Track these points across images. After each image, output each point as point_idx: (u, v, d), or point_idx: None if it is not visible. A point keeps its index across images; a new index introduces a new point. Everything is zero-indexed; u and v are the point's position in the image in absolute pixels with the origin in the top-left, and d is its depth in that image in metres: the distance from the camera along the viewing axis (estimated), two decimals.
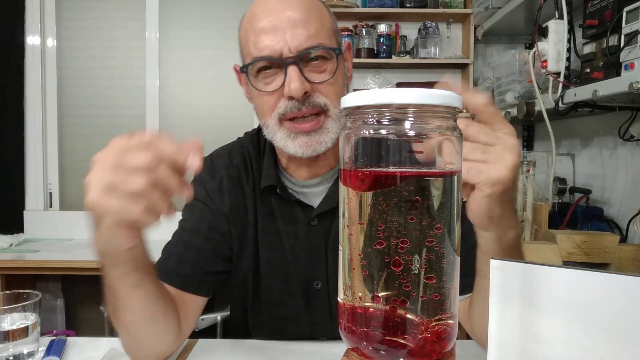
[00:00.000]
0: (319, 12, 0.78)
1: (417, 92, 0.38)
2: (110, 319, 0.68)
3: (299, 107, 0.75)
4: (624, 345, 0.38)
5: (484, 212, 0.52)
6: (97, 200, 0.49)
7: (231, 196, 0.86)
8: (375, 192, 0.40)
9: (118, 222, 0.50)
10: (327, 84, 0.76)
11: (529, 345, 0.43)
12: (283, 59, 0.74)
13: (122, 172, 0.48)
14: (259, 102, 0.80)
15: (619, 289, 0.38)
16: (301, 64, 0.74)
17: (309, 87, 0.74)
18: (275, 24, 0.74)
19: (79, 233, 2.58)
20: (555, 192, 1.76)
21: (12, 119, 2.57)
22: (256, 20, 0.76)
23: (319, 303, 0.86)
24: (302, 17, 0.74)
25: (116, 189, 0.48)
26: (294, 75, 0.73)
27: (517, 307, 0.43)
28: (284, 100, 0.75)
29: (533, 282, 0.42)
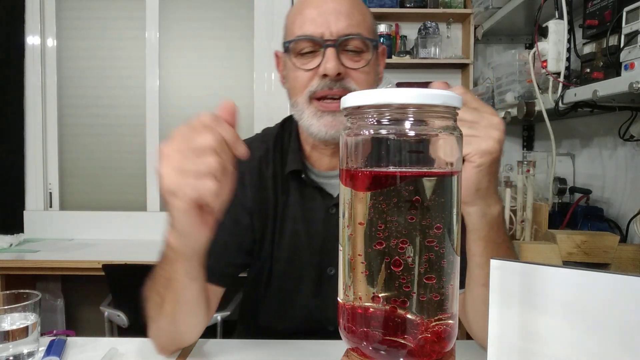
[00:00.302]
0: (362, 9, 0.84)
1: (417, 92, 0.38)
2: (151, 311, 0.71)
3: (331, 87, 0.79)
4: (624, 345, 0.38)
5: (472, 184, 0.56)
6: (171, 185, 0.53)
7: (252, 189, 0.89)
8: (375, 192, 0.40)
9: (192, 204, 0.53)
10: (360, 71, 0.81)
11: (529, 345, 0.43)
12: (324, 40, 0.79)
13: (191, 155, 0.52)
14: (294, 79, 0.84)
15: (619, 289, 0.38)
16: (339, 49, 0.79)
17: (343, 69, 0.79)
18: (321, 11, 0.80)
19: (79, 233, 2.58)
20: (555, 192, 1.76)
21: (12, 119, 2.57)
22: (304, 7, 0.82)
23: (331, 289, 0.87)
24: (346, 9, 0.80)
25: (188, 170, 0.52)
26: (331, 55, 0.78)
27: (517, 307, 0.43)
28: (317, 79, 0.80)
29: (533, 282, 0.42)
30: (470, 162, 0.55)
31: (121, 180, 2.69)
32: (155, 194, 2.68)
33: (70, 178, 2.70)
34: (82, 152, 2.69)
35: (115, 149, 2.68)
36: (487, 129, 0.56)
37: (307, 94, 0.81)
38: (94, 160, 2.69)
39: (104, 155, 2.68)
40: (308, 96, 0.81)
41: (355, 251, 0.41)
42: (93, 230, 2.58)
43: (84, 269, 2.07)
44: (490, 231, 0.63)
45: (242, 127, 0.95)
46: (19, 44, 2.56)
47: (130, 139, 2.68)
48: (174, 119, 2.69)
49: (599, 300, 0.39)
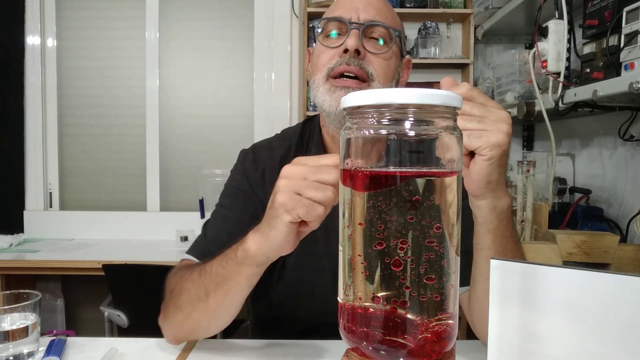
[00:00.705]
0: (391, 9, 0.91)
1: (417, 92, 0.38)
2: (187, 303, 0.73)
3: (349, 63, 0.83)
4: (623, 345, 0.38)
5: (483, 177, 0.58)
6: (288, 201, 0.58)
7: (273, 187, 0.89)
8: (375, 192, 0.40)
9: (294, 221, 0.59)
10: (379, 57, 0.85)
11: (529, 345, 0.43)
12: (350, 22, 0.83)
13: (312, 183, 0.57)
14: (317, 57, 0.88)
15: (619, 289, 0.38)
16: (363, 33, 0.84)
17: (363, 50, 0.83)
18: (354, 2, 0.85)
19: (79, 233, 2.58)
20: (555, 192, 1.75)
21: (12, 119, 2.57)
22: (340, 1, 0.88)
23: None
24: (378, 3, 0.87)
25: (305, 194, 0.57)
26: (354, 34, 0.83)
27: (517, 307, 0.43)
28: (338, 57, 0.84)
29: (533, 282, 0.42)
30: (482, 155, 0.56)
31: (121, 180, 2.69)
32: (155, 194, 2.68)
33: (70, 178, 2.70)
34: (82, 152, 2.69)
35: (115, 149, 2.68)
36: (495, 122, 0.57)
37: (325, 72, 0.84)
38: (94, 160, 2.69)
39: (104, 155, 2.68)
40: (326, 73, 0.84)
41: (355, 251, 0.41)
42: (93, 230, 2.58)
43: (84, 269, 2.07)
44: (499, 224, 0.64)
45: (242, 125, 0.95)
46: (19, 44, 2.56)
47: (130, 139, 2.68)
48: (174, 119, 2.69)
49: (599, 300, 0.39)
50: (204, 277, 0.71)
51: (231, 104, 2.66)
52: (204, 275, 0.71)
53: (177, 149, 2.69)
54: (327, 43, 0.87)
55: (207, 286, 0.70)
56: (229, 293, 0.70)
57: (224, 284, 0.69)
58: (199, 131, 2.68)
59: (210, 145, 2.66)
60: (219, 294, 0.70)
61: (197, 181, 2.43)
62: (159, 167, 2.67)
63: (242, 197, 0.89)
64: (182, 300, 0.74)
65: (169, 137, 2.69)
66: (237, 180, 0.92)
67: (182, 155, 2.68)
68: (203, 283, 0.71)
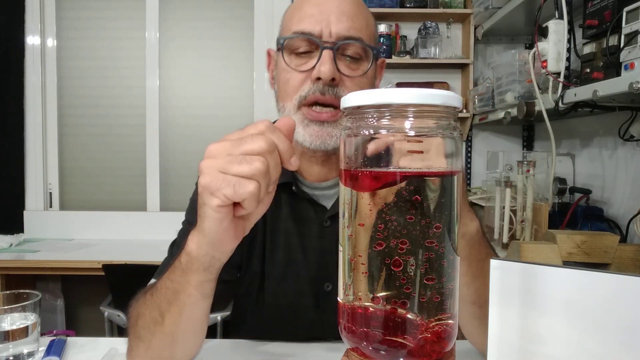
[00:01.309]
0: (367, 14, 0.79)
1: (417, 92, 0.38)
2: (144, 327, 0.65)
3: (323, 92, 0.74)
4: (624, 345, 0.38)
5: None
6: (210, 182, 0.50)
7: None
8: (375, 192, 0.40)
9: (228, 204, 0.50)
10: (356, 80, 0.76)
11: (529, 345, 0.43)
12: (322, 41, 0.73)
13: (237, 156, 0.49)
14: (284, 82, 0.78)
15: (619, 289, 0.38)
16: (337, 53, 0.74)
17: (338, 75, 0.74)
18: (322, 9, 0.74)
19: (79, 233, 2.58)
20: (555, 192, 1.76)
21: (12, 119, 2.57)
22: (305, 2, 0.77)
23: (329, 305, 0.83)
24: (350, 10, 0.75)
25: (229, 171, 0.49)
26: (327, 58, 0.73)
27: (517, 307, 0.43)
28: (310, 83, 0.75)
29: (533, 282, 0.42)
30: None
31: (121, 180, 2.69)
32: (156, 194, 2.68)
33: (70, 178, 2.70)
34: (82, 152, 2.69)
35: (115, 149, 2.68)
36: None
37: (296, 100, 0.76)
38: (94, 160, 2.69)
39: (104, 155, 2.68)
40: (297, 102, 0.76)
41: (355, 251, 0.41)
42: (93, 230, 2.58)
43: (84, 269, 2.07)
44: (471, 250, 0.62)
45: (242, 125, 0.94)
46: (19, 44, 2.56)
47: (130, 139, 2.68)
48: (174, 119, 2.69)
49: (599, 300, 0.39)
50: (156, 296, 0.63)
51: (231, 104, 2.66)
52: (156, 294, 0.63)
53: (177, 149, 2.69)
54: (295, 64, 0.76)
55: (160, 305, 0.62)
56: (183, 309, 0.61)
57: (175, 299, 0.61)
58: (199, 131, 2.68)
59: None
60: (174, 312, 0.61)
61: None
62: (159, 167, 2.67)
63: None
64: (140, 327, 0.65)
65: (169, 137, 2.69)
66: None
67: (182, 155, 2.68)
68: (156, 303, 0.63)
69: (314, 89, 0.74)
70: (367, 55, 0.77)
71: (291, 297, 0.85)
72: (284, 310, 0.85)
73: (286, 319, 0.85)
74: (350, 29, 0.74)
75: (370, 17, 0.81)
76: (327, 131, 0.75)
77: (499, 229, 1.72)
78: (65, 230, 2.58)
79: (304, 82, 0.75)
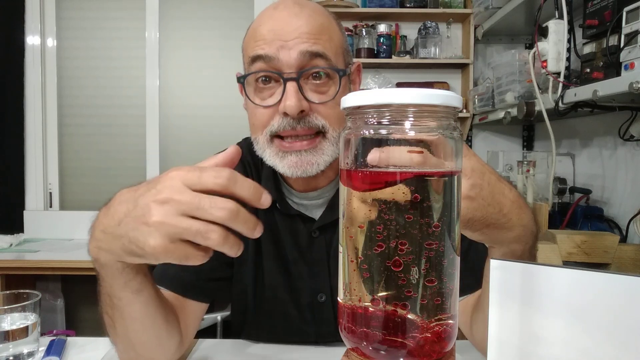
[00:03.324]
0: (330, 28, 0.74)
1: (417, 92, 0.38)
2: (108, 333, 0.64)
3: (293, 126, 0.70)
4: (624, 345, 0.38)
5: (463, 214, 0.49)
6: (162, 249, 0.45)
7: None
8: (375, 192, 0.40)
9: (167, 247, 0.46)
10: (327, 105, 0.72)
11: (529, 346, 0.43)
12: (283, 73, 0.70)
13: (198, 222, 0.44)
14: (252, 115, 0.75)
15: (619, 289, 0.38)
16: (302, 81, 0.70)
17: (306, 105, 0.70)
18: (280, 34, 0.70)
19: (79, 233, 2.58)
20: (555, 192, 1.76)
21: (12, 119, 2.57)
22: (261, 29, 0.72)
23: (324, 316, 0.83)
24: (309, 31, 0.70)
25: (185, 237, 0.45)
26: (292, 91, 0.69)
27: (517, 307, 0.43)
28: (279, 117, 0.71)
29: (533, 282, 0.42)
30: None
31: (121, 180, 2.69)
32: None
33: (70, 178, 2.70)
34: (82, 152, 2.69)
35: (115, 149, 2.68)
36: None
37: (267, 133, 0.72)
38: (94, 160, 2.69)
39: (104, 155, 2.68)
40: (269, 135, 0.72)
41: (355, 252, 0.41)
42: None
43: (84, 269, 2.07)
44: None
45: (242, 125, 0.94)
46: (19, 44, 2.56)
47: (130, 139, 2.68)
48: (174, 119, 2.69)
49: (599, 300, 0.39)
50: (102, 303, 0.61)
51: (231, 104, 2.66)
52: (101, 301, 0.61)
53: (177, 149, 2.69)
54: (260, 99, 0.73)
55: (107, 312, 0.60)
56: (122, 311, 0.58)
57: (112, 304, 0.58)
58: (199, 131, 2.68)
59: (210, 145, 2.65)
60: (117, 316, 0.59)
61: None
62: (159, 167, 2.67)
63: None
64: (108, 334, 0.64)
65: (169, 137, 2.69)
66: None
67: (182, 155, 2.68)
68: (104, 310, 0.61)
69: (284, 124, 0.70)
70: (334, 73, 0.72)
71: (286, 306, 0.84)
72: (278, 320, 0.84)
73: (281, 329, 0.84)
74: (312, 56, 0.69)
75: (334, 27, 0.75)
76: (307, 160, 0.72)
77: None
78: (65, 230, 2.57)
79: (273, 116, 0.72)
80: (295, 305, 0.84)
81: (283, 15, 0.71)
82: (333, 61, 0.72)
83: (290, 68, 0.70)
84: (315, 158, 0.72)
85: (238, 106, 0.92)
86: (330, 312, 0.83)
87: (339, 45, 0.75)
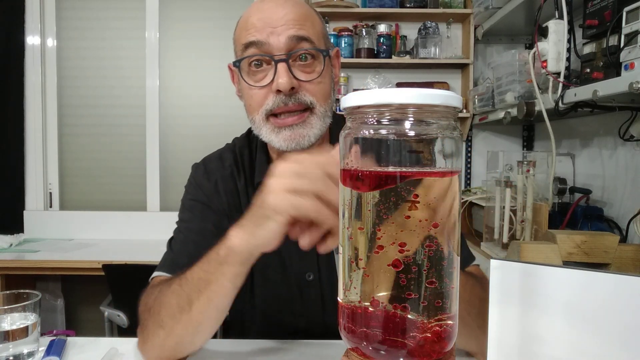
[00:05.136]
0: (311, 16, 0.83)
1: (417, 92, 0.38)
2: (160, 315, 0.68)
3: (286, 102, 0.79)
4: (624, 345, 0.38)
5: None
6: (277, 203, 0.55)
7: (227, 195, 0.90)
8: (375, 192, 0.40)
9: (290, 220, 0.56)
10: (314, 83, 0.81)
11: (529, 345, 0.43)
12: (274, 56, 0.78)
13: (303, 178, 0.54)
14: (248, 97, 0.84)
15: (619, 289, 0.38)
16: (290, 62, 0.79)
17: (296, 83, 0.79)
18: (269, 22, 0.79)
19: (79, 233, 2.58)
20: (555, 192, 1.76)
21: (12, 119, 2.57)
22: (251, 19, 0.81)
23: (312, 294, 0.87)
24: (294, 17, 0.79)
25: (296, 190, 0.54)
26: (283, 70, 0.77)
27: (517, 307, 0.43)
28: (272, 96, 0.79)
29: (533, 282, 0.42)
30: None
31: (121, 180, 2.69)
32: (155, 194, 2.68)
33: (70, 178, 2.70)
34: (82, 152, 2.69)
35: (115, 149, 2.68)
36: None
37: (263, 112, 0.81)
38: (94, 160, 2.69)
39: (104, 155, 2.68)
40: (264, 114, 0.81)
41: (355, 252, 0.41)
42: (93, 230, 2.58)
43: (84, 269, 2.07)
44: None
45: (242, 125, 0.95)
46: (19, 44, 2.56)
47: (130, 139, 2.68)
48: (174, 119, 2.69)
49: (599, 300, 0.39)
50: (185, 286, 0.67)
51: (231, 103, 2.66)
52: (185, 284, 0.67)
53: (177, 149, 2.69)
54: (254, 81, 0.82)
55: (189, 294, 0.66)
56: (212, 299, 0.65)
57: (206, 288, 0.64)
58: (199, 131, 2.68)
59: (211, 145, 2.64)
60: (202, 301, 0.65)
61: None
62: (159, 167, 2.67)
63: (201, 208, 0.88)
64: (163, 315, 0.69)
65: (169, 137, 2.69)
66: (192, 193, 0.91)
67: (182, 155, 2.68)
68: (185, 292, 0.66)
69: (277, 101, 0.79)
70: (318, 55, 0.82)
71: (278, 286, 0.88)
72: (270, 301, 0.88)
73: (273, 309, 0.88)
74: (299, 29, 0.79)
75: (315, 15, 0.85)
76: (299, 132, 0.81)
77: (499, 229, 1.72)
78: (65, 230, 2.58)
79: (267, 95, 0.80)
80: (286, 285, 0.88)
81: (270, 5, 0.81)
82: (317, 44, 0.81)
83: (280, 51, 0.78)
84: (305, 131, 0.81)
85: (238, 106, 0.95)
86: (318, 291, 0.88)
87: (320, 30, 0.84)
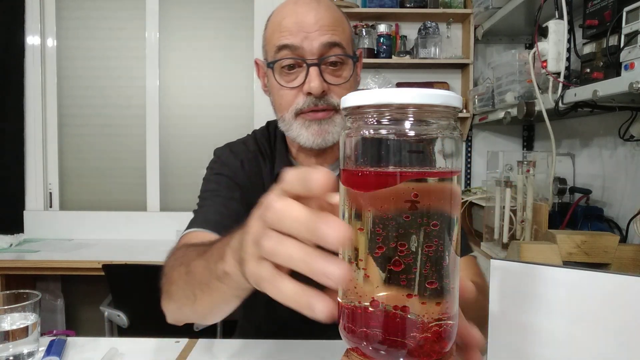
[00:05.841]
0: (342, 21, 0.87)
1: (417, 92, 0.38)
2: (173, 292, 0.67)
3: (316, 103, 0.84)
4: (624, 345, 0.38)
5: None
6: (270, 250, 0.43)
7: (251, 175, 0.94)
8: (374, 192, 0.40)
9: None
10: (341, 87, 0.86)
11: (529, 345, 0.43)
12: (307, 59, 0.83)
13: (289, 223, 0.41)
14: (278, 96, 0.88)
15: (619, 289, 0.38)
16: (322, 67, 0.83)
17: (326, 87, 0.84)
18: (303, 27, 0.83)
19: (79, 233, 2.58)
20: (555, 192, 1.76)
21: (12, 119, 2.57)
22: (285, 22, 0.84)
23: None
24: (327, 23, 0.83)
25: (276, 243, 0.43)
26: (315, 75, 0.82)
27: (517, 307, 0.43)
28: (303, 97, 0.84)
29: (533, 282, 0.42)
30: None
31: (121, 180, 2.69)
32: (155, 194, 2.68)
33: (70, 178, 2.70)
34: (82, 152, 2.69)
35: (116, 149, 2.68)
36: None
37: (293, 111, 0.85)
38: (94, 160, 2.69)
39: (104, 155, 2.68)
40: (294, 113, 0.85)
41: (355, 252, 0.41)
42: (93, 230, 2.58)
43: (84, 269, 2.07)
44: None
45: (242, 125, 0.96)
46: (19, 44, 2.56)
47: (130, 139, 2.68)
48: (174, 119, 2.69)
49: (599, 300, 0.39)
50: (191, 277, 0.63)
51: (231, 104, 2.66)
52: (190, 276, 0.63)
53: (177, 149, 2.69)
54: (286, 81, 0.86)
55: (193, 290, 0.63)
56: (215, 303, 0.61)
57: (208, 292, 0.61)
58: (199, 131, 2.68)
59: (210, 145, 2.64)
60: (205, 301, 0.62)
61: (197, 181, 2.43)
62: (159, 167, 2.67)
63: (226, 181, 0.92)
64: (173, 291, 0.68)
65: (169, 137, 2.69)
66: (217, 169, 0.95)
67: (182, 155, 2.68)
68: (190, 284, 0.63)
69: (308, 102, 0.84)
70: (347, 60, 0.86)
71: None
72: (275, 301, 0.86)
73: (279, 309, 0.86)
74: (332, 35, 0.83)
75: (344, 19, 0.89)
76: (325, 128, 0.85)
77: (499, 229, 1.72)
78: (65, 230, 2.58)
79: (297, 96, 0.85)
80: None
81: (303, 10, 0.84)
82: (346, 49, 0.86)
83: (313, 55, 0.83)
84: (330, 128, 0.86)
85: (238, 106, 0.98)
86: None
87: (349, 35, 0.89)
